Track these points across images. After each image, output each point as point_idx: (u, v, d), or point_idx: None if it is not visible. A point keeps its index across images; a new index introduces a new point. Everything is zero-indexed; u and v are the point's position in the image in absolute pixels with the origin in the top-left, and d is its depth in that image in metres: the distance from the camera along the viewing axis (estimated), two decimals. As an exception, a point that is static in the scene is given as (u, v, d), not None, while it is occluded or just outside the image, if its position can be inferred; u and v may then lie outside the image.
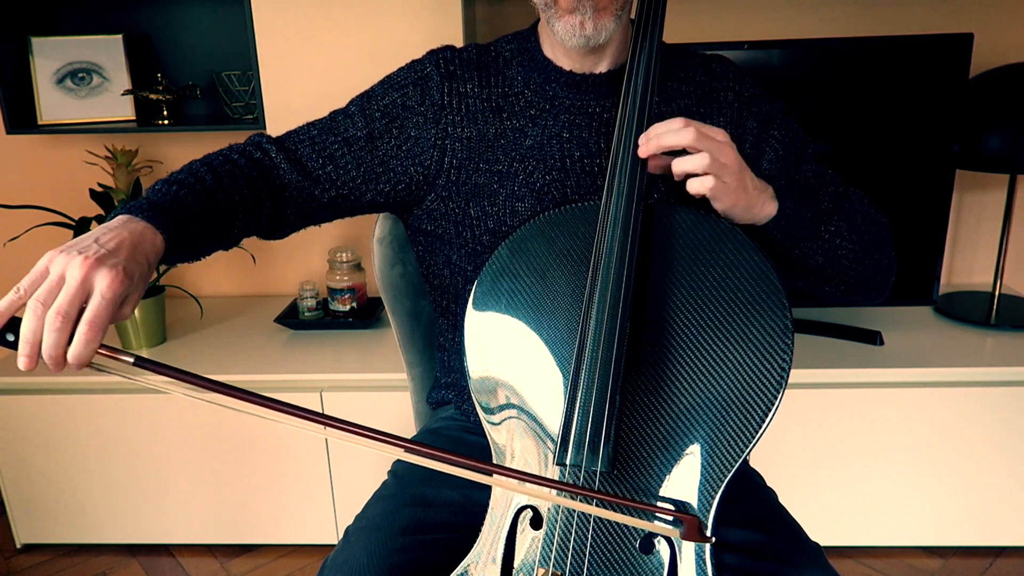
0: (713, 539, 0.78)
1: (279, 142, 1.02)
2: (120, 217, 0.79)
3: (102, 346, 0.70)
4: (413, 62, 1.06)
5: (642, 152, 0.87)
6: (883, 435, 1.70)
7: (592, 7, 0.91)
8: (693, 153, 0.85)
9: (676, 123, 0.85)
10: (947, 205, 1.78)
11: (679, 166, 0.86)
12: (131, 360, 0.71)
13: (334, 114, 1.05)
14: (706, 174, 0.84)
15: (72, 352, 0.68)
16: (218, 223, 0.90)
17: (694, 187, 0.86)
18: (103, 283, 0.69)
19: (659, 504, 0.81)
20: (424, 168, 1.02)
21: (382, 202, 1.06)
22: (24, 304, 0.68)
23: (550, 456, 0.84)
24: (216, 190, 0.90)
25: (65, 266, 0.69)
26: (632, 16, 0.99)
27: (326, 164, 1.01)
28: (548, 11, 0.93)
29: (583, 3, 0.90)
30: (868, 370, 1.69)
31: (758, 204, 0.90)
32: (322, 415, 0.74)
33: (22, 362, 0.68)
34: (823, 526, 1.79)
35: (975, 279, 2.14)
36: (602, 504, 0.79)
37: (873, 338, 1.80)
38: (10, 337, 0.68)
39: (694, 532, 0.75)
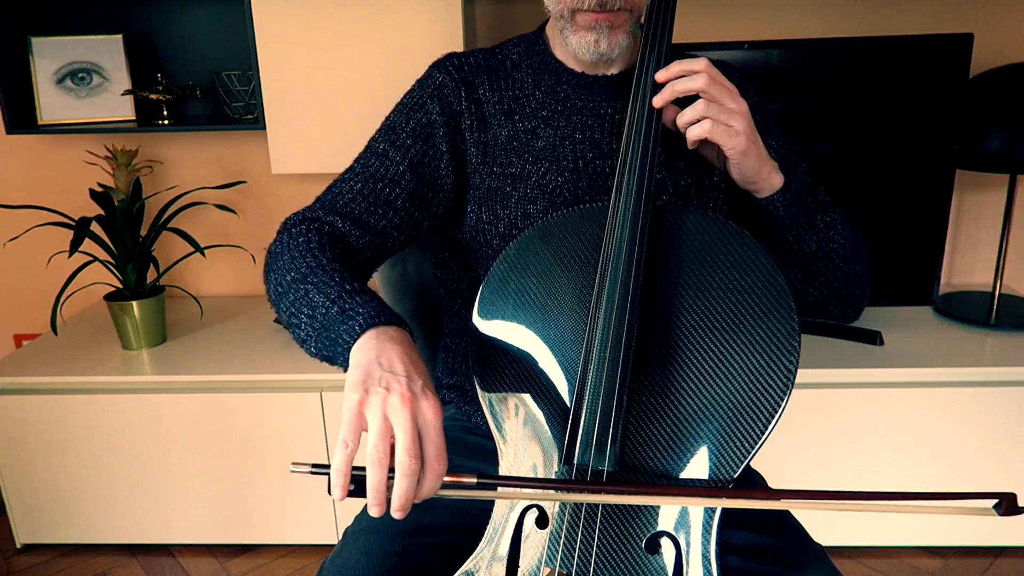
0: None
1: (332, 209, 0.97)
2: (371, 333, 0.77)
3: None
4: (421, 79, 1.04)
5: (657, 102, 0.91)
6: (883, 435, 1.70)
7: (608, 27, 0.92)
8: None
9: (697, 63, 0.89)
10: (947, 205, 1.78)
11: (682, 119, 0.90)
12: (474, 481, 0.73)
13: (365, 159, 1.01)
14: (705, 118, 0.89)
15: (426, 489, 0.70)
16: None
17: (693, 132, 0.90)
18: (429, 414, 0.70)
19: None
20: (456, 176, 1.02)
21: (436, 225, 1.05)
22: (354, 454, 0.68)
23: (557, 455, 0.84)
24: (353, 269, 0.89)
25: (384, 408, 0.69)
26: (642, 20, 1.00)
27: (387, 212, 0.98)
28: (563, 23, 0.94)
29: (600, 23, 0.91)
30: (868, 370, 1.69)
31: (767, 168, 0.93)
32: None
33: (374, 511, 0.69)
34: (824, 526, 1.79)
35: (975, 279, 2.14)
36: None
37: (873, 338, 1.80)
38: (351, 487, 0.69)
39: (1013, 506, 0.74)
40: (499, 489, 0.81)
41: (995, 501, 0.75)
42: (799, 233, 0.97)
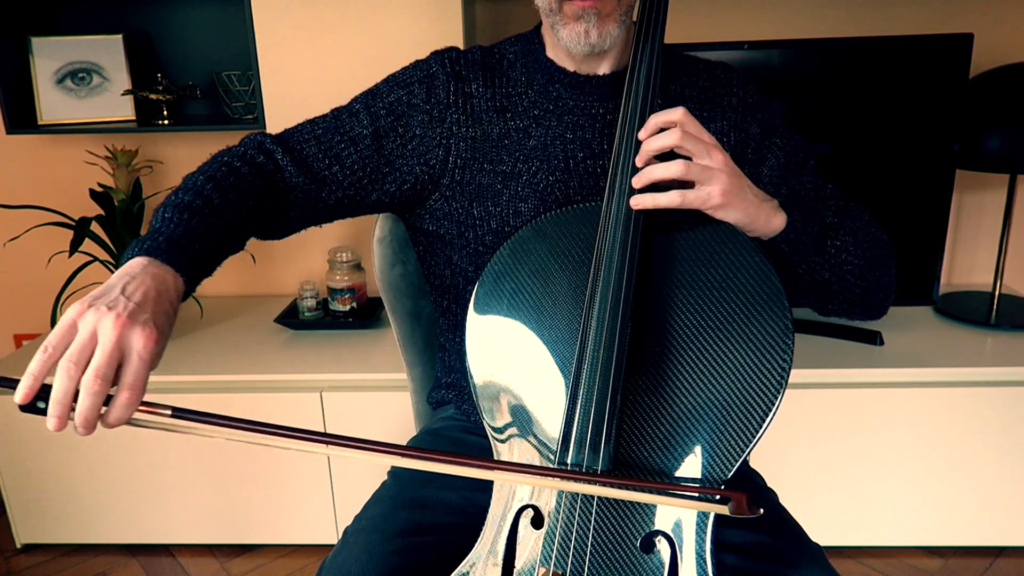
0: (761, 511, 0.75)
1: (283, 142, 0.99)
2: (139, 260, 0.76)
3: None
4: (418, 61, 1.05)
5: (636, 182, 0.87)
6: (883, 435, 1.70)
7: (596, 15, 0.91)
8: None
9: (674, 113, 0.85)
10: (947, 205, 1.78)
11: (656, 199, 0.85)
12: (168, 412, 0.70)
13: (337, 112, 1.03)
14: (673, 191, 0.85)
15: (113, 416, 0.67)
16: (229, 241, 0.88)
17: (660, 202, 0.85)
18: (139, 343, 0.68)
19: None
20: (429, 167, 1.02)
21: (387, 202, 1.05)
22: (54, 362, 0.67)
23: (551, 456, 0.84)
24: (225, 208, 0.87)
25: (96, 324, 0.67)
26: (634, 19, 0.99)
27: (332, 164, 0.99)
28: (552, 17, 0.94)
29: (587, 12, 0.91)
30: (868, 370, 1.69)
31: (762, 215, 0.89)
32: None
33: (52, 423, 0.66)
34: (823, 526, 1.79)
35: (975, 279, 2.14)
36: (642, 490, 0.79)
37: (873, 338, 1.80)
38: (41, 405, 0.66)
39: (743, 507, 0.74)
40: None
41: (725, 506, 0.75)
42: (810, 266, 0.95)
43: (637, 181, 0.87)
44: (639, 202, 0.86)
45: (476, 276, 0.93)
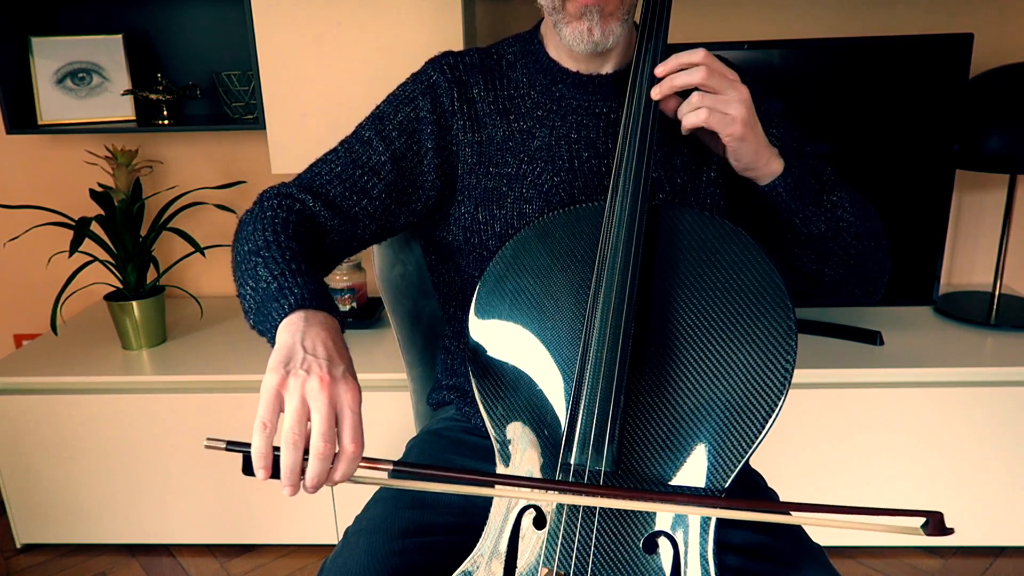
0: (954, 530, 0.75)
1: (306, 189, 0.97)
2: (297, 315, 0.77)
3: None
4: (416, 74, 1.05)
5: (655, 94, 0.90)
6: (883, 435, 1.70)
7: (599, 13, 0.91)
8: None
9: (695, 55, 0.88)
10: (947, 205, 1.78)
11: (680, 111, 0.90)
12: (389, 467, 0.73)
13: (349, 144, 1.02)
14: (701, 108, 0.88)
15: (341, 473, 0.70)
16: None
17: (688, 120, 0.89)
18: (348, 398, 0.70)
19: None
20: (445, 176, 1.02)
21: (414, 221, 1.04)
22: (273, 435, 0.69)
23: (554, 456, 0.84)
24: (309, 253, 0.88)
25: (303, 391, 0.69)
26: (636, 19, 0.99)
27: (361, 199, 0.98)
28: (555, 15, 0.94)
29: (590, 9, 0.91)
30: (868, 370, 1.69)
31: (765, 155, 0.92)
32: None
33: (287, 491, 0.69)
34: (823, 526, 1.78)
35: (975, 279, 2.14)
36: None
37: (873, 338, 1.80)
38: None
39: (939, 527, 0.73)
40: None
41: (923, 520, 0.74)
42: (806, 216, 0.96)
43: (658, 90, 0.90)
44: (660, 92, 0.90)
45: (481, 280, 0.93)
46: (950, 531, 0.73)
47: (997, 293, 1.92)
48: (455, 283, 1.09)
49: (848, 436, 1.71)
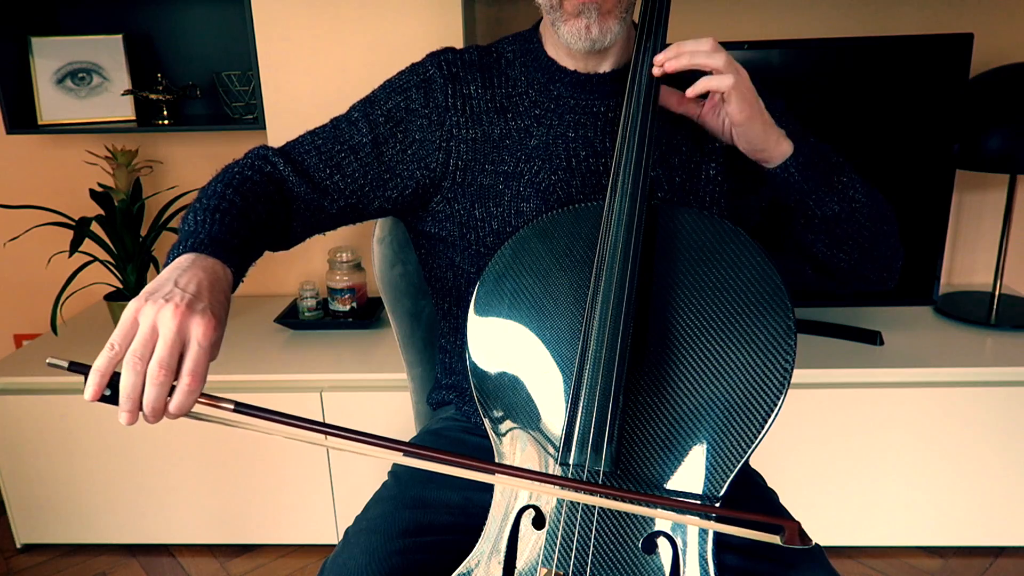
0: (815, 542, 0.76)
1: (284, 154, 1.00)
2: (186, 256, 0.78)
3: (201, 394, 0.71)
4: (414, 65, 1.05)
5: (670, 67, 0.90)
6: (883, 435, 1.70)
7: (597, 11, 0.91)
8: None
9: (706, 43, 0.89)
10: (947, 205, 1.78)
11: (702, 81, 0.91)
12: (231, 407, 0.72)
13: (336, 121, 1.04)
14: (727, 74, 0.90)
15: (175, 403, 0.69)
16: (253, 245, 0.89)
17: (708, 83, 0.90)
18: (198, 331, 0.70)
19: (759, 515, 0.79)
20: (430, 171, 1.02)
21: (389, 208, 1.05)
22: (120, 359, 0.68)
23: (553, 456, 0.84)
24: (248, 212, 0.89)
25: (155, 317, 0.69)
26: (635, 18, 0.99)
27: (333, 174, 1.00)
28: (553, 14, 0.94)
29: (588, 7, 0.91)
30: (868, 370, 1.69)
31: (774, 135, 0.94)
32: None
33: (124, 417, 0.68)
34: (823, 526, 1.79)
35: (975, 279, 2.14)
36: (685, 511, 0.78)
37: (873, 338, 1.80)
38: (107, 392, 0.68)
39: (795, 536, 0.74)
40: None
41: (778, 537, 0.75)
42: (819, 197, 0.97)
43: (662, 56, 0.91)
44: (663, 59, 0.91)
45: (478, 278, 0.93)
46: (808, 541, 0.74)
47: (997, 293, 1.92)
48: (448, 279, 1.09)
49: (848, 436, 1.71)
